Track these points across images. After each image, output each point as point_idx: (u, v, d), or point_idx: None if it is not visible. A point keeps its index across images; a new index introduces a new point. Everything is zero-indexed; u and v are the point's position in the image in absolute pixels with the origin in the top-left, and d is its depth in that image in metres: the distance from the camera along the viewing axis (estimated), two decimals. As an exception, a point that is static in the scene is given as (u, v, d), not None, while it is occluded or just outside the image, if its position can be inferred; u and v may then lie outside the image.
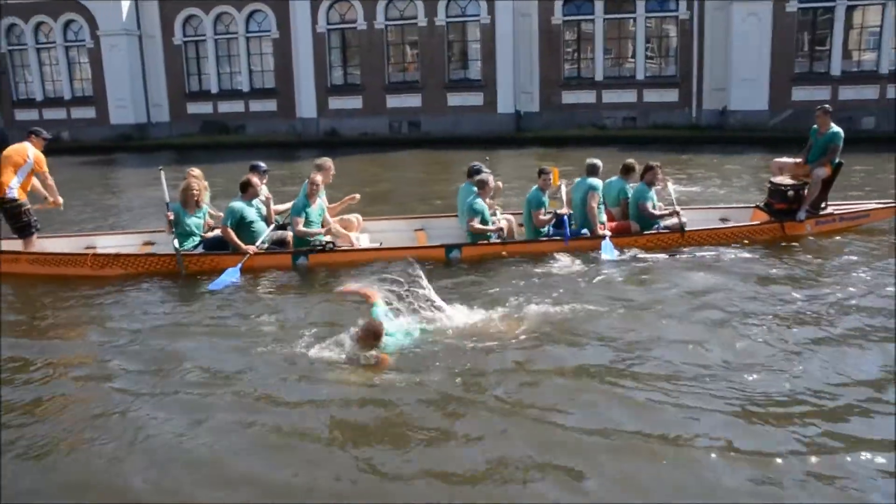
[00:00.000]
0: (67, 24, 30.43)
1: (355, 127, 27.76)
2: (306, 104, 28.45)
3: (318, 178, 9.16)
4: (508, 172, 17.18)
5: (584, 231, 9.26)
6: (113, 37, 29.60)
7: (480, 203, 9.09)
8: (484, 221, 9.09)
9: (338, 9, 27.75)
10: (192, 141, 28.70)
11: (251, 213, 8.88)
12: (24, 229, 9.05)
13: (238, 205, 8.81)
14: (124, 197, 17.71)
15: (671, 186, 9.78)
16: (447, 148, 24.02)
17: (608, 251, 8.66)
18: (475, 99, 27.18)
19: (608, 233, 9.08)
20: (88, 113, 30.95)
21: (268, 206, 9.34)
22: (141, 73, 30.28)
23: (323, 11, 27.62)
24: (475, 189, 9.24)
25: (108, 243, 9.52)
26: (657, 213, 9.39)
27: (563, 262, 8.63)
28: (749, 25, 23.75)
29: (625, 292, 7.53)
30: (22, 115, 31.67)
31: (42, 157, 9.11)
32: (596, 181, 9.31)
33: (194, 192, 8.89)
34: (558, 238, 9.13)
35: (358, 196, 9.96)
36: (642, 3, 25.58)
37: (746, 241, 9.24)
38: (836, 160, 9.56)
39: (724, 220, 10.28)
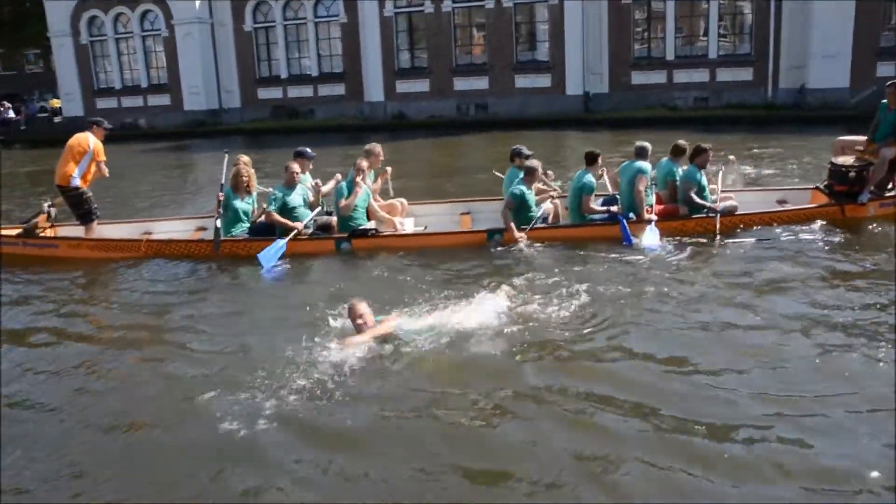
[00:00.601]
0: (144, 14, 31.36)
1: (422, 110, 27.83)
2: (374, 88, 28.64)
3: (365, 163, 9.15)
4: (576, 155, 16.96)
5: (631, 215, 8.90)
6: (186, 25, 30.39)
7: (520, 189, 8.83)
8: (526, 207, 8.86)
9: (405, -8, 27.82)
10: (263, 126, 29.31)
11: (293, 199, 8.98)
12: (85, 216, 9.47)
13: (279, 192, 8.98)
14: (192, 181, 18.14)
15: (721, 174, 9.34)
16: (515, 130, 23.83)
17: (649, 240, 8.28)
18: (543, 80, 26.88)
19: (654, 217, 8.74)
20: (164, 100, 31.91)
21: (316, 191, 9.43)
22: (213, 60, 31.01)
23: (390, -5, 27.71)
24: (521, 174, 9.03)
25: (164, 229, 9.80)
26: (698, 200, 8.90)
27: (607, 248, 8.33)
28: (830, -1, 22.74)
29: (668, 279, 7.18)
30: (102, 103, 32.82)
31: (101, 146, 9.48)
32: (644, 164, 8.92)
33: (244, 178, 9.02)
34: (602, 223, 8.87)
35: (389, 169, 9.89)
36: (716, -21, 24.81)
37: (803, 225, 8.69)
38: None
39: (781, 202, 9.72)
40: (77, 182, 9.30)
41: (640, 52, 26.45)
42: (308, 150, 9.76)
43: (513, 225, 8.72)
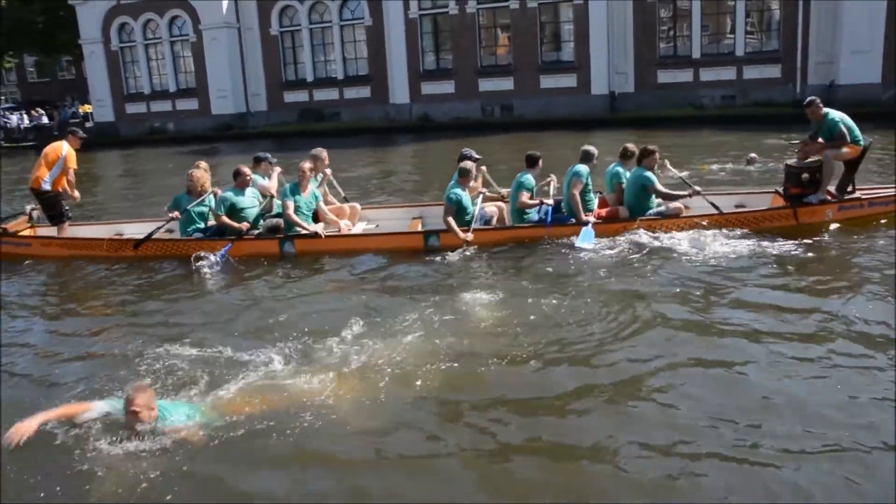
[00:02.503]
0: (173, 19, 31.80)
1: (447, 112, 27.88)
2: (399, 90, 28.75)
3: (306, 165, 9.25)
4: (600, 155, 16.90)
5: (572, 219, 8.89)
6: (214, 30, 30.77)
7: (456, 193, 8.80)
8: (463, 209, 8.83)
9: (429, -6, 27.90)
10: (289, 129, 29.52)
11: (242, 201, 9.22)
12: (56, 217, 10.05)
13: (228, 194, 9.22)
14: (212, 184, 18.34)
15: (674, 170, 9.11)
16: (540, 131, 23.79)
17: (584, 239, 8.23)
18: (568, 80, 26.80)
19: (592, 219, 8.70)
20: (191, 104, 32.30)
21: (268, 194, 9.72)
22: (240, 64, 31.35)
23: (415, -3, 27.81)
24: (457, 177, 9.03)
25: (134, 230, 10.08)
26: (665, 191, 8.81)
27: (543, 250, 8.36)
28: (861, -7, 22.42)
29: (599, 282, 7.12)
30: (132, 108, 33.36)
31: (73, 154, 9.98)
32: (581, 168, 8.90)
33: (195, 182, 9.37)
34: (539, 224, 8.89)
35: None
36: (743, -24, 24.58)
37: (753, 229, 8.38)
38: (862, 140, 8.62)
39: (739, 206, 9.32)
40: (48, 186, 9.85)
41: (665, 50, 26.29)
42: (268, 154, 10.31)
43: (457, 228, 8.69)
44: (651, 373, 5.08)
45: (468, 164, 9.12)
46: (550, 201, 9.16)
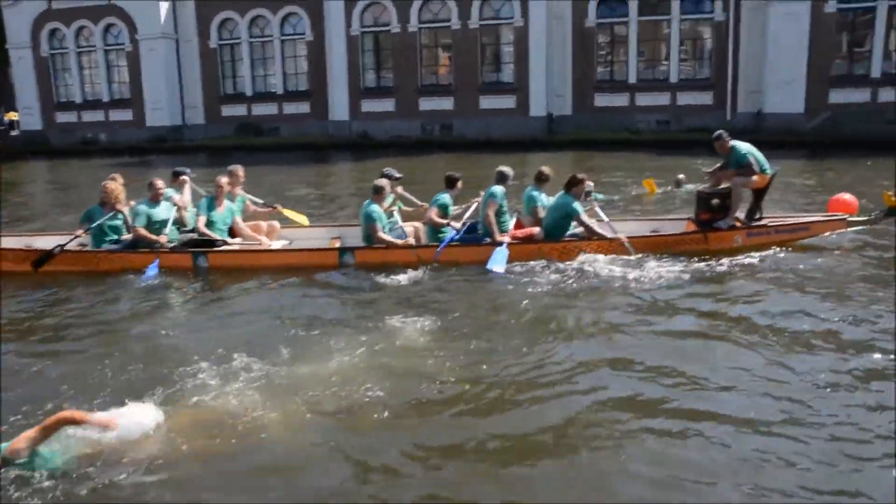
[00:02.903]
0: (108, 27, 31.07)
1: (387, 129, 27.87)
2: (339, 106, 28.65)
3: (223, 180, 9.29)
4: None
5: (487, 238, 8.97)
6: (151, 40, 30.19)
7: (375, 210, 8.85)
8: (382, 224, 8.92)
9: (371, 11, 27.93)
10: (227, 143, 29.05)
11: (157, 213, 9.16)
12: None
13: (142, 207, 9.13)
14: (138, 197, 17.94)
15: (598, 208, 9.27)
16: (479, 151, 23.97)
17: (496, 262, 8.27)
18: (507, 102, 27.15)
19: (507, 240, 8.79)
20: (125, 115, 31.54)
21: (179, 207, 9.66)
22: (177, 75, 30.79)
23: (357, 14, 27.81)
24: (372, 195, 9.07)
25: (45, 243, 9.65)
26: (589, 223, 8.83)
27: (458, 270, 8.38)
28: (786, 27, 23.40)
29: (515, 304, 7.16)
30: (63, 117, 32.41)
31: None
32: (496, 189, 9.04)
33: (110, 194, 9.23)
34: (456, 244, 8.91)
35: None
36: (677, 5, 25.34)
37: (665, 252, 8.54)
38: (769, 169, 8.98)
39: (654, 231, 9.45)
40: None
41: (602, 74, 26.91)
42: (186, 169, 10.23)
43: (395, 240, 8.80)
44: (571, 400, 5.05)
45: (382, 181, 9.18)
46: (458, 224, 9.13)
